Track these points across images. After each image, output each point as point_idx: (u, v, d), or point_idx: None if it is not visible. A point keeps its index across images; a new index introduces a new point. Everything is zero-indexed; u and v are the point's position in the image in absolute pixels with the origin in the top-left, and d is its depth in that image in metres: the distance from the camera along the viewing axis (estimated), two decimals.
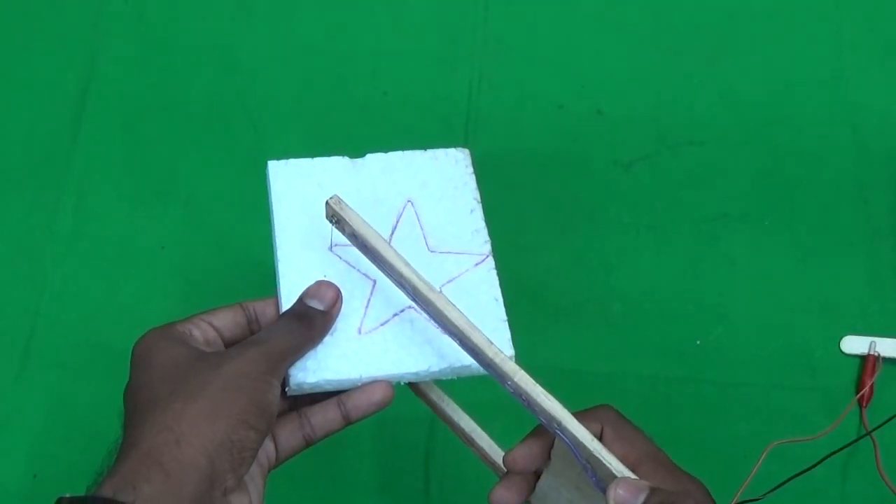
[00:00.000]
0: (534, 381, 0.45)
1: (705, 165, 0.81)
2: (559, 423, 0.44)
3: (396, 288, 0.51)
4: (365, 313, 0.52)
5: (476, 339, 0.46)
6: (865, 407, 0.72)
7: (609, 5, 0.88)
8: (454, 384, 0.73)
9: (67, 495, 0.41)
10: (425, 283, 0.48)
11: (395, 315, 0.52)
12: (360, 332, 0.51)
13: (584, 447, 0.44)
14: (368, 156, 0.57)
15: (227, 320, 0.50)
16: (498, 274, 0.54)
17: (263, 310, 0.51)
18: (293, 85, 0.85)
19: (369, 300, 0.52)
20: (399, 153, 0.58)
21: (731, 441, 0.72)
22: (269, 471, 0.50)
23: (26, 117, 0.85)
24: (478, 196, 0.57)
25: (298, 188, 0.55)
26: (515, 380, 0.45)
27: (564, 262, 0.78)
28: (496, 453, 0.53)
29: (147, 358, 0.46)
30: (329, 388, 0.51)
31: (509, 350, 0.52)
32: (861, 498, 0.70)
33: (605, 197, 0.80)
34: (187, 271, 0.78)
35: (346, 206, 0.49)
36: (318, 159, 0.57)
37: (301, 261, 0.53)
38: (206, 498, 0.42)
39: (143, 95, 0.85)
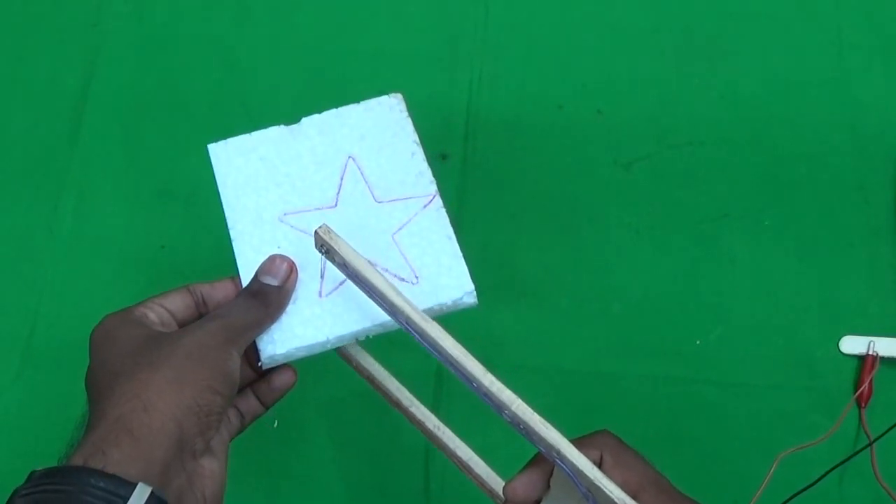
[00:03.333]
0: (532, 410, 0.44)
1: (705, 165, 0.81)
2: (558, 452, 0.44)
3: (350, 244, 0.51)
4: (323, 276, 0.52)
5: (471, 367, 0.46)
6: (864, 407, 0.72)
7: (609, 5, 0.88)
8: (454, 403, 0.73)
9: (40, 468, 0.41)
10: (418, 312, 0.47)
11: None
12: (320, 295, 0.52)
13: (585, 475, 0.43)
14: (304, 119, 0.58)
15: (177, 303, 0.51)
16: (448, 213, 0.55)
17: (210, 293, 0.52)
18: (293, 85, 0.85)
19: (325, 262, 0.53)
20: (334, 111, 0.58)
21: (730, 441, 0.72)
22: (230, 440, 0.51)
23: (26, 117, 0.85)
24: (417, 139, 0.57)
25: (241, 166, 0.56)
26: (513, 409, 0.45)
27: (564, 262, 0.78)
28: (494, 481, 0.52)
29: (107, 339, 0.48)
30: (300, 355, 0.51)
31: (469, 285, 0.53)
32: (858, 499, 0.70)
33: (605, 197, 0.80)
34: (187, 271, 0.78)
35: (336, 235, 0.49)
36: (255, 133, 0.57)
37: (254, 236, 0.54)
38: (177, 461, 0.43)
39: (143, 95, 0.85)
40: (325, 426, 0.74)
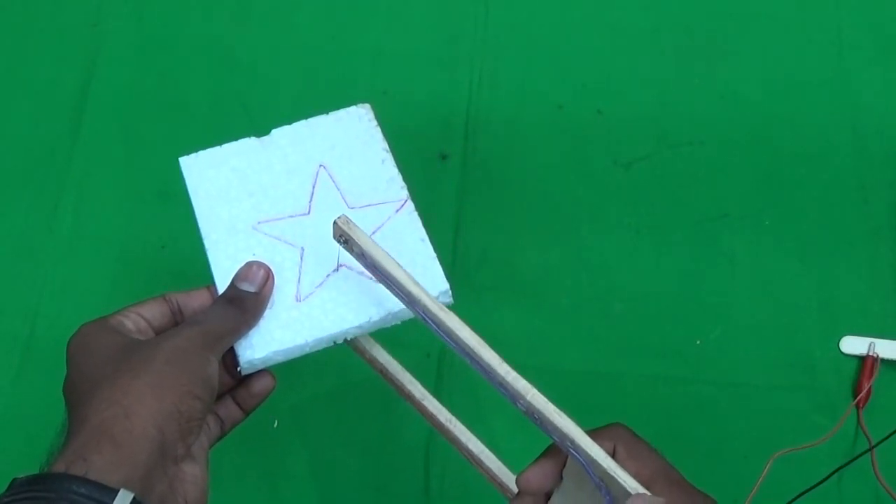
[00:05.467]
0: (546, 400, 0.45)
1: (705, 165, 0.81)
2: (572, 441, 0.44)
3: (325, 249, 0.53)
4: (299, 280, 0.53)
5: (488, 357, 0.46)
6: (863, 408, 0.72)
7: (609, 5, 0.88)
8: (454, 400, 0.74)
9: (22, 476, 0.41)
10: (436, 302, 0.48)
11: (328, 276, 0.53)
12: (298, 299, 0.52)
13: (598, 465, 0.43)
14: (274, 131, 0.58)
15: (154, 311, 0.51)
16: (420, 216, 0.55)
17: (186, 302, 0.52)
18: (293, 84, 0.85)
19: (301, 267, 0.53)
20: (303, 122, 0.59)
21: (730, 441, 0.72)
22: (210, 446, 0.51)
23: (26, 117, 0.85)
24: (386, 146, 0.58)
25: (212, 177, 0.56)
26: (528, 398, 0.45)
27: (564, 262, 0.78)
28: (505, 474, 0.53)
29: (85, 347, 0.48)
30: (279, 358, 0.52)
31: (444, 284, 0.53)
32: (858, 499, 0.70)
33: (605, 197, 0.80)
34: (187, 271, 0.78)
35: (355, 225, 0.50)
36: (226, 145, 0.57)
37: (229, 245, 0.54)
38: (158, 466, 0.43)
39: (143, 95, 0.85)
40: (324, 426, 0.74)
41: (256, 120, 0.84)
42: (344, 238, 0.50)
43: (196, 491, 0.46)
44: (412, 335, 0.56)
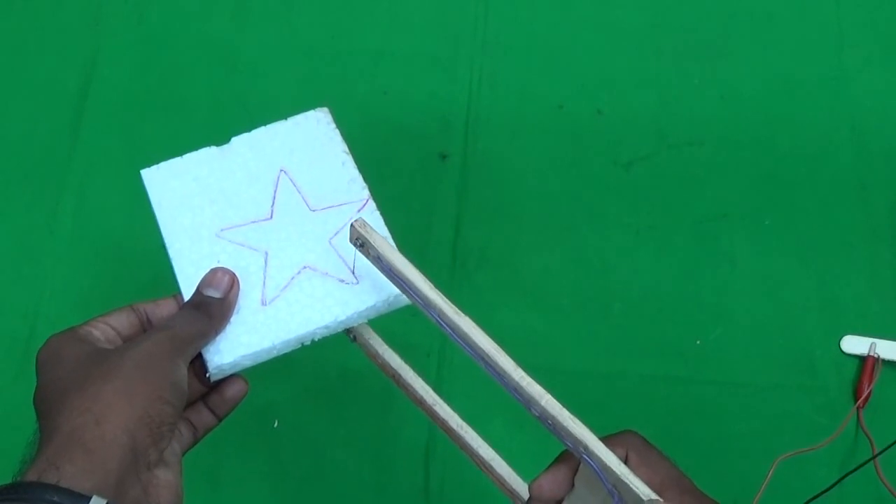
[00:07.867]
0: (561, 406, 0.45)
1: (705, 165, 0.81)
2: (586, 448, 0.44)
3: (289, 252, 0.53)
4: (264, 284, 0.53)
5: (502, 362, 0.46)
6: (863, 408, 0.72)
7: (609, 6, 0.88)
8: (455, 390, 0.74)
9: None
10: (451, 306, 0.48)
11: (293, 278, 0.53)
12: (263, 303, 0.53)
13: (612, 471, 0.43)
14: (234, 139, 0.58)
15: (122, 320, 0.51)
16: (381, 214, 0.56)
17: (153, 311, 0.53)
18: (293, 85, 0.85)
19: (265, 271, 0.54)
20: (263, 128, 0.59)
21: (730, 440, 0.72)
22: (182, 453, 0.51)
23: (26, 117, 0.85)
24: (346, 149, 0.58)
25: (175, 188, 0.57)
26: (542, 404, 0.45)
27: (564, 262, 0.78)
28: (515, 482, 0.53)
29: (54, 358, 0.48)
30: (248, 363, 0.52)
31: None
32: (858, 498, 0.70)
33: (605, 197, 0.80)
34: None
35: (371, 229, 0.50)
36: (187, 155, 0.58)
37: (193, 253, 0.55)
38: (131, 472, 0.43)
39: (143, 95, 0.85)
40: (324, 426, 0.74)
41: (256, 120, 0.83)
42: (360, 241, 0.50)
43: (169, 495, 0.46)
44: (412, 335, 0.56)
